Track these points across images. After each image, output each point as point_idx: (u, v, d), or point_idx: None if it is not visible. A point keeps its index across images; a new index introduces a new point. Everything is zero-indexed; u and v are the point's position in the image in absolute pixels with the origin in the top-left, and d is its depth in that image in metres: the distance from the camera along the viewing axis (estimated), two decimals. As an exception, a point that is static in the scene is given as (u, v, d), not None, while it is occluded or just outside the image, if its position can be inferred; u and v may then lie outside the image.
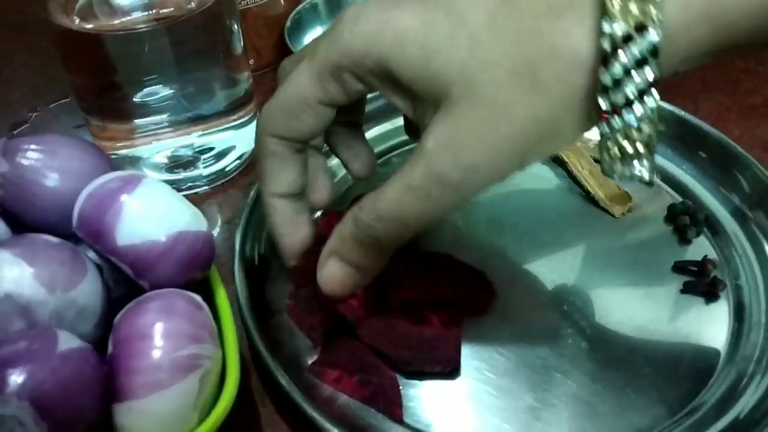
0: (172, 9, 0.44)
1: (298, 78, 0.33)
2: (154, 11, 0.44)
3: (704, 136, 0.48)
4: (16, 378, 0.26)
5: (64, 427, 0.27)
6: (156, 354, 0.29)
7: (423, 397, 0.37)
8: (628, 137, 0.28)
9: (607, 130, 0.28)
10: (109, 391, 0.29)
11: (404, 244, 0.33)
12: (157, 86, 0.46)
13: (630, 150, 0.28)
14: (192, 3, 0.44)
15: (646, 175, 0.29)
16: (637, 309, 0.41)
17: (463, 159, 0.29)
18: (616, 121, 0.28)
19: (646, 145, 0.28)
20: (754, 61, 0.58)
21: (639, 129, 0.28)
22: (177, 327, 0.30)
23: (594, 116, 0.28)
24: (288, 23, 0.56)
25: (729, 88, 0.56)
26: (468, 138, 0.29)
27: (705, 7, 0.26)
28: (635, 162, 0.29)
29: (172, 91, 0.46)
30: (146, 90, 0.46)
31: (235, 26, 0.47)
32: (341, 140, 0.40)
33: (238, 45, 0.48)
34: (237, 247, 0.42)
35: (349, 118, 0.39)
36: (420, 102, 0.31)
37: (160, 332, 0.29)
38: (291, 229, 0.38)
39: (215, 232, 0.47)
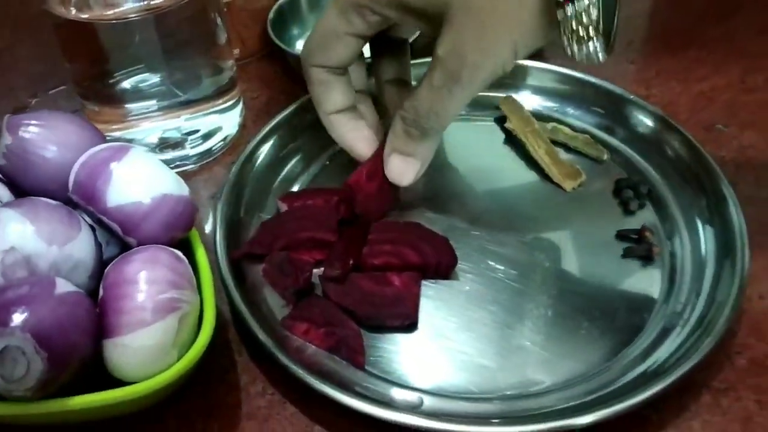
0: (161, 1, 0.48)
1: (327, 15, 0.42)
2: (145, 2, 0.48)
3: (651, 118, 0.52)
4: (20, 315, 0.30)
5: (60, 357, 0.31)
6: (140, 296, 0.33)
7: (384, 348, 0.42)
8: (580, 23, 0.37)
9: (563, 16, 0.37)
10: (99, 328, 0.33)
11: (443, 129, 0.43)
12: (148, 73, 0.50)
13: (582, 33, 0.37)
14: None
15: (600, 54, 0.38)
16: (582, 271, 0.45)
17: (467, 59, 0.38)
18: (570, 8, 0.36)
19: (596, 29, 0.37)
20: (707, 50, 0.63)
21: (588, 12, 0.36)
22: (159, 274, 0.34)
23: (555, 10, 0.37)
24: (271, 15, 0.60)
25: (681, 75, 0.60)
26: (467, 44, 0.38)
27: None
28: (590, 44, 0.37)
29: (161, 77, 0.50)
30: (137, 77, 0.50)
31: (219, 18, 0.51)
32: (393, 98, 0.47)
33: (222, 36, 0.52)
34: (218, 216, 0.46)
35: (398, 74, 0.47)
36: (430, 21, 0.39)
37: (144, 278, 0.33)
38: (354, 134, 0.46)
39: (201, 206, 0.51)
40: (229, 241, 0.45)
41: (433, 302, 0.44)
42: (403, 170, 0.44)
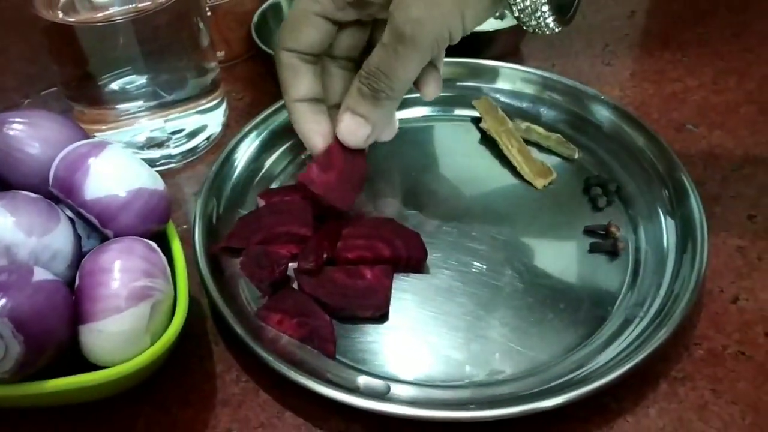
0: (147, 3, 0.49)
1: (299, 1, 0.43)
2: (132, 5, 0.50)
3: (619, 117, 0.54)
4: (-2, 300, 0.32)
5: (37, 341, 0.33)
6: (114, 284, 0.35)
7: (355, 338, 0.43)
8: None
9: None
10: (75, 315, 0.35)
11: (394, 96, 0.43)
12: (134, 75, 0.52)
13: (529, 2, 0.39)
14: (163, -3, 0.50)
15: (551, 23, 0.40)
16: (550, 266, 0.47)
17: (410, 13, 0.39)
18: None
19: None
20: (681, 52, 0.64)
21: None
22: (133, 264, 0.35)
23: None
24: (255, 19, 0.62)
25: (655, 77, 0.61)
26: (418, 3, 0.39)
27: None
28: (539, 11, 0.39)
29: (146, 79, 0.52)
30: (124, 79, 0.52)
31: (201, 23, 0.53)
32: None
33: (205, 39, 0.54)
34: (197, 211, 0.47)
35: None
36: None
37: (118, 267, 0.35)
38: (311, 126, 0.46)
39: (185, 202, 0.53)
40: (208, 235, 0.47)
41: (405, 295, 0.45)
42: (352, 129, 0.44)
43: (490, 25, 0.64)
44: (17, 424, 0.40)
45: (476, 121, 0.56)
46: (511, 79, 0.57)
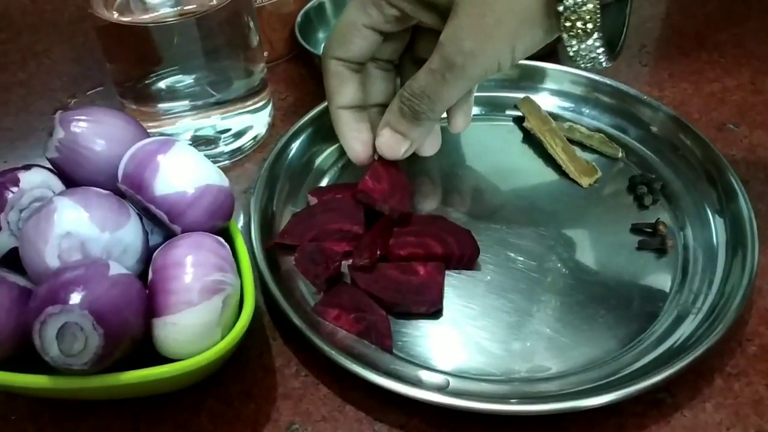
0: (195, 6, 0.50)
1: (348, 9, 0.45)
2: (179, 7, 0.51)
3: (663, 117, 0.54)
4: (78, 294, 0.33)
5: (115, 333, 0.33)
6: (187, 278, 0.35)
7: (410, 333, 0.44)
8: (579, 17, 0.38)
9: (562, 9, 0.38)
10: (149, 308, 0.35)
11: (435, 117, 0.45)
12: (182, 75, 0.53)
13: (581, 27, 0.39)
14: (213, 0, 0.51)
15: (602, 57, 0.40)
16: (598, 263, 0.47)
17: (463, 46, 0.40)
18: (568, 1, 0.38)
19: (594, 24, 0.38)
20: (717, 53, 0.65)
21: (585, 4, 0.38)
22: (204, 258, 0.36)
23: (553, 4, 0.38)
24: (298, 19, 0.62)
25: (693, 77, 0.62)
26: (466, 30, 0.40)
27: None
28: (589, 41, 0.39)
29: (195, 78, 0.53)
30: (173, 78, 0.53)
31: (252, 22, 0.54)
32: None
33: (254, 39, 0.55)
34: (252, 208, 0.48)
35: None
36: (440, 14, 0.42)
37: (190, 262, 0.36)
38: (354, 133, 0.48)
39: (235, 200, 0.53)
40: (262, 232, 0.48)
41: (456, 291, 0.46)
42: (391, 145, 0.47)
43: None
44: (83, 414, 0.40)
45: (519, 120, 0.57)
46: (554, 79, 0.58)
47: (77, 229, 0.36)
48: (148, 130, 0.53)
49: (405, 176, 0.50)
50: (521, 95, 0.57)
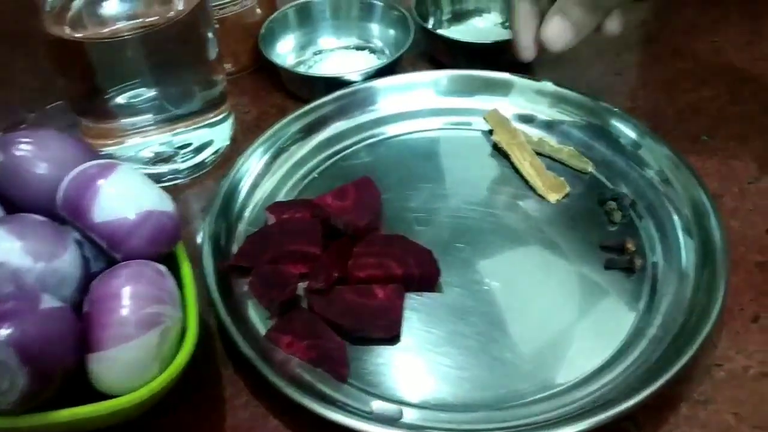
0: (156, 18, 0.48)
1: None
2: (139, 20, 0.49)
3: (634, 130, 0.53)
4: (4, 329, 0.31)
5: (44, 371, 0.32)
6: (123, 311, 0.34)
7: (368, 360, 0.42)
8: None
9: None
10: (84, 343, 0.34)
11: (615, 5, 0.47)
12: (140, 89, 0.51)
13: None
14: (172, 12, 0.49)
15: None
16: (565, 283, 0.46)
17: None
18: None
19: None
20: (694, 62, 0.63)
21: None
22: (143, 290, 0.35)
23: None
24: (262, 30, 0.61)
25: (667, 87, 0.60)
26: None
27: None
28: None
29: (153, 93, 0.51)
30: (131, 92, 0.51)
31: (210, 34, 0.52)
32: None
33: (213, 51, 0.53)
34: (205, 230, 0.47)
35: None
36: None
37: (127, 293, 0.34)
38: (529, 24, 0.50)
39: (193, 219, 0.52)
40: (217, 253, 0.46)
41: (417, 314, 0.44)
42: (558, 32, 0.48)
43: (499, 35, 0.63)
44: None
45: (489, 133, 0.55)
46: (522, 91, 0.56)
47: (9, 259, 0.34)
48: (107, 148, 0.53)
49: (378, 200, 0.49)
50: (490, 107, 0.56)
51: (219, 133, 0.56)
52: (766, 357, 0.42)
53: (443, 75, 0.58)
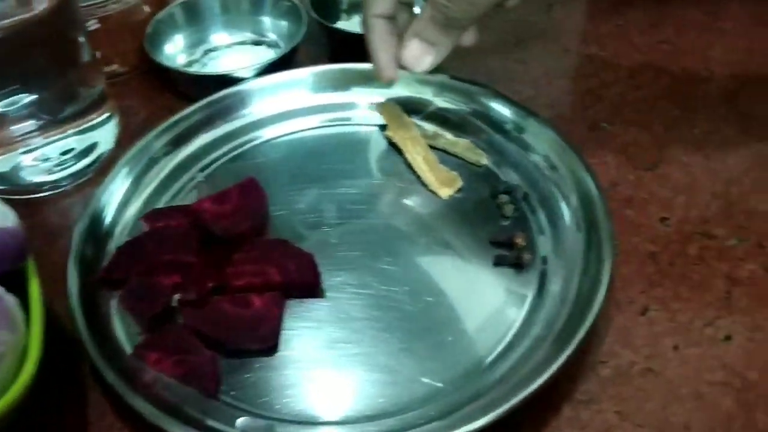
0: (14, 20, 0.45)
1: None
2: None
3: (527, 120, 0.51)
4: None
5: None
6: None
7: (243, 374, 0.40)
8: None
9: None
10: None
11: (470, 23, 0.45)
12: (19, 95, 0.48)
13: None
14: (30, 13, 0.46)
15: None
16: (452, 283, 0.44)
17: None
18: None
19: None
20: (598, 46, 0.62)
21: None
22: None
23: None
24: (148, 30, 0.58)
25: (569, 73, 0.59)
26: None
27: None
28: None
29: (30, 99, 0.48)
30: (6, 100, 0.48)
31: (81, 38, 0.50)
32: None
33: (86, 54, 0.50)
34: (74, 240, 0.44)
35: None
36: None
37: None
38: (386, 44, 0.46)
39: (68, 230, 0.49)
40: (85, 268, 0.44)
41: (298, 322, 0.42)
42: (419, 55, 0.45)
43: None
44: None
45: (382, 128, 0.53)
46: (405, 82, 0.54)
47: None
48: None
49: (263, 202, 0.47)
50: (368, 100, 0.54)
51: (102, 137, 0.53)
52: (653, 351, 0.40)
53: (312, 71, 0.55)
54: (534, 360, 0.39)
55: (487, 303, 0.43)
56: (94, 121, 0.52)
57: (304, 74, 0.55)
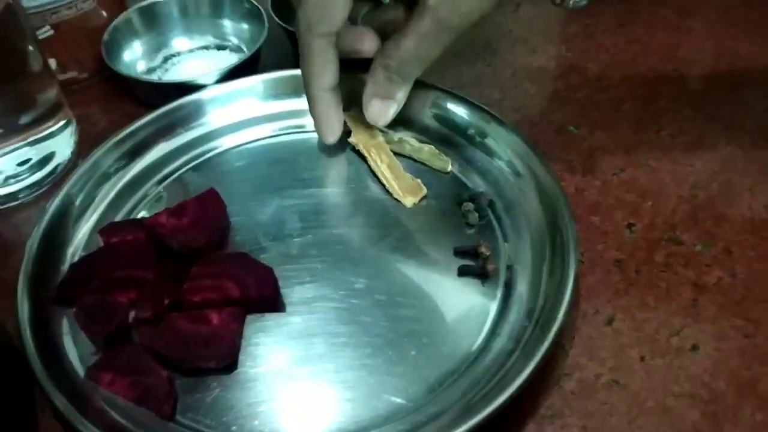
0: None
1: None
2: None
3: (495, 125, 0.50)
4: None
5: None
6: None
7: (201, 393, 0.39)
8: None
9: None
10: None
11: (422, 72, 0.45)
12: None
13: None
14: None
15: None
16: (416, 295, 0.43)
17: (461, 7, 0.41)
18: None
19: None
20: (566, 47, 0.61)
21: None
22: None
23: None
24: (105, 36, 0.56)
25: (537, 76, 0.58)
26: None
27: None
28: None
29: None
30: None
31: (30, 46, 0.48)
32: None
33: (36, 63, 0.49)
34: (26, 256, 0.43)
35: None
36: None
37: None
38: (333, 116, 0.47)
39: (28, 242, 0.48)
40: (38, 284, 0.42)
41: (258, 338, 0.41)
42: (383, 112, 0.47)
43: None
44: None
45: (347, 134, 0.52)
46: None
47: None
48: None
49: (223, 214, 0.46)
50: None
51: (59, 146, 0.52)
52: (618, 363, 0.40)
53: (260, 79, 0.54)
54: (499, 374, 0.38)
55: (451, 315, 0.42)
56: (50, 130, 0.51)
57: (259, 81, 0.54)
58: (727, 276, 0.43)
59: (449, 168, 0.50)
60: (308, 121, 0.50)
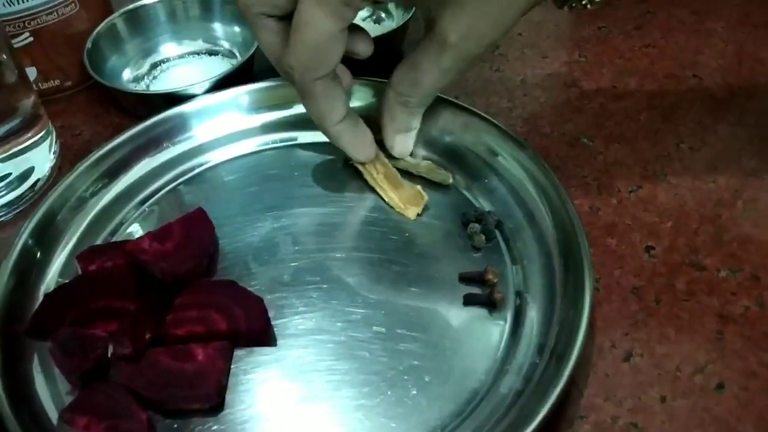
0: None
1: (314, 21, 0.38)
2: None
3: (502, 137, 0.47)
4: None
5: None
6: None
7: (184, 437, 0.36)
8: None
9: None
10: None
11: (433, 98, 0.45)
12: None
13: None
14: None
15: None
16: (418, 327, 0.40)
17: (484, 41, 0.41)
18: None
19: None
20: (579, 52, 0.57)
21: None
22: None
23: None
24: (88, 45, 0.53)
25: (547, 82, 0.55)
26: (486, 26, 0.40)
27: None
28: None
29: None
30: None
31: (4, 56, 0.45)
32: None
33: (10, 74, 0.46)
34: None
35: None
36: (423, 3, 0.42)
37: None
38: (360, 139, 0.45)
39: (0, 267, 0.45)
40: (10, 315, 0.39)
41: (247, 376, 0.38)
42: (406, 143, 0.46)
43: (373, 30, 0.56)
44: None
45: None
46: (363, 97, 0.50)
47: None
48: None
49: (211, 236, 0.43)
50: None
51: (39, 159, 0.49)
52: (637, 404, 0.36)
53: (251, 88, 0.51)
54: (507, 418, 0.35)
55: (455, 350, 0.39)
56: (28, 143, 0.48)
57: (250, 90, 0.51)
58: (755, 305, 0.40)
59: (450, 180, 0.46)
60: (301, 134, 0.47)
